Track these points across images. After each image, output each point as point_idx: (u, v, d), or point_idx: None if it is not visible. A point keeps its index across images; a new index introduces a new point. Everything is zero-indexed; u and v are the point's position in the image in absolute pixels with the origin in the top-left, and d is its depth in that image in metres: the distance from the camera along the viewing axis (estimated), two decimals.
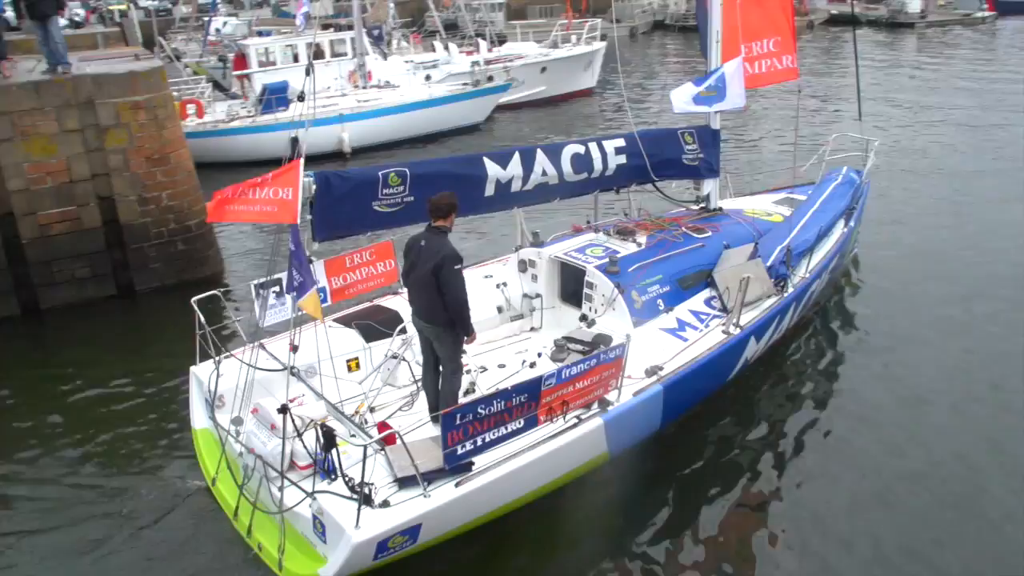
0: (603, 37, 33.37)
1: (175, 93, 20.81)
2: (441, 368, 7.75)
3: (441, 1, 51.27)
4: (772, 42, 11.91)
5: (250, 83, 25.09)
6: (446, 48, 29.28)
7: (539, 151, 9.73)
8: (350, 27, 26.77)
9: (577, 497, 7.85)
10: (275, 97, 22.52)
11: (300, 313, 6.84)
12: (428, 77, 26.75)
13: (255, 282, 8.60)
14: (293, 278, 6.73)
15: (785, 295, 9.81)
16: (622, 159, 10.41)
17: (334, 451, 6.51)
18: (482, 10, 39.44)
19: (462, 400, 7.61)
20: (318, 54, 26.48)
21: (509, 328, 9.90)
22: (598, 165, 10.21)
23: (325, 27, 29.38)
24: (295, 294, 6.72)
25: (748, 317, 9.20)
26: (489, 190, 9.34)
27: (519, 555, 7.51)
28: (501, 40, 35.95)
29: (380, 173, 8.43)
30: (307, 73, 7.19)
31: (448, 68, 27.57)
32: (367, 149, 22.74)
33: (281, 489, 6.59)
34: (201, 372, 8.23)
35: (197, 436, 8.21)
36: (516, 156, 9.51)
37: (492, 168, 9.29)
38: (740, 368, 9.46)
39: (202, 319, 7.88)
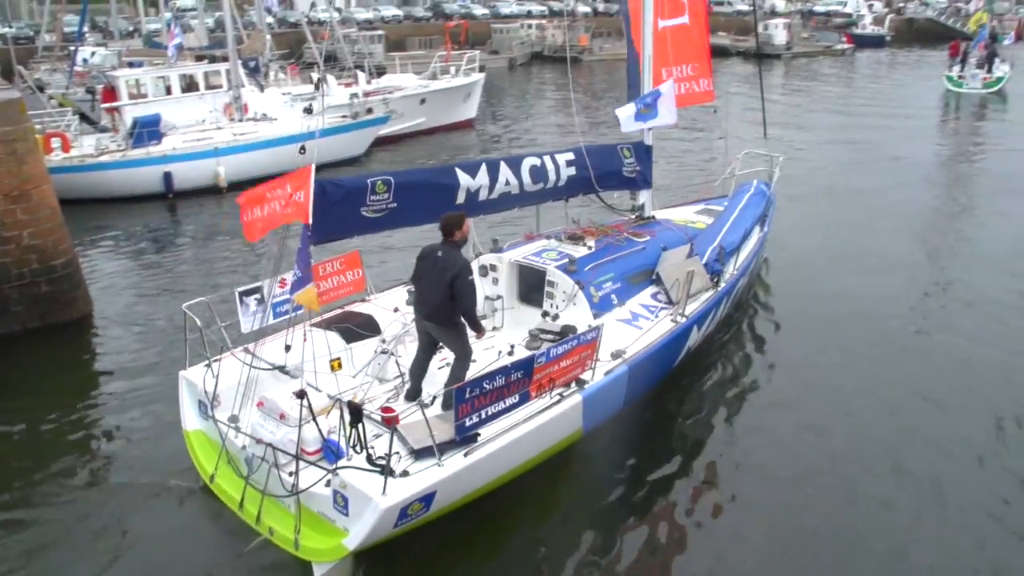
0: (482, 68, 33.90)
1: (38, 126, 20.09)
2: (453, 359, 8.59)
3: (319, 33, 51.17)
4: (691, 67, 13.53)
5: (120, 116, 24.28)
6: (324, 80, 29.13)
7: (502, 163, 10.67)
8: (225, 59, 26.34)
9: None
10: (147, 131, 21.88)
11: (298, 312, 8.02)
12: (306, 109, 26.50)
13: (239, 289, 9.26)
14: (295, 273, 7.64)
15: (720, 288, 11.15)
16: (572, 171, 11.48)
17: (360, 426, 7.04)
18: (361, 42, 39.31)
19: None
20: (191, 86, 26.02)
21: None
22: (552, 176, 11.22)
23: (199, 58, 28.81)
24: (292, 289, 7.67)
25: (690, 308, 10.40)
26: (460, 198, 10.16)
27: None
28: (380, 72, 36.00)
29: (369, 181, 9.18)
30: (317, 87, 8.04)
31: (326, 100, 27.41)
32: (244, 183, 22.28)
33: (296, 471, 7.16)
34: (192, 375, 8.75)
35: (190, 437, 8.73)
36: (483, 167, 10.41)
37: (463, 178, 10.16)
38: (684, 355, 10.66)
39: (199, 322, 8.54)
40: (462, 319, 8.43)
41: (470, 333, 8.61)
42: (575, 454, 9.14)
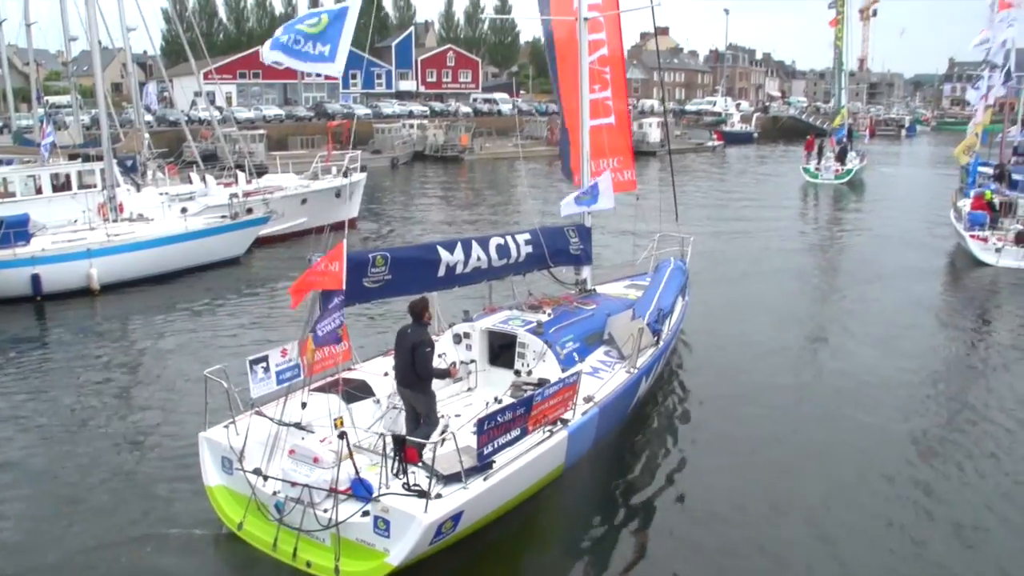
0: (364, 168, 34.36)
1: None
2: (422, 419, 10.05)
3: (200, 132, 50.95)
4: (616, 160, 15.85)
5: None
6: (203, 180, 29.00)
7: (473, 241, 12.22)
8: (100, 157, 25.88)
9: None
10: (13, 231, 21.17)
11: (296, 380, 10.21)
12: (184, 209, 26.26)
13: (249, 358, 10.27)
14: (319, 329, 9.26)
15: (660, 345, 13.08)
16: (530, 248, 13.20)
17: (402, 455, 8.76)
18: (242, 141, 39.40)
19: (434, 437, 9.19)
20: (64, 185, 25.50)
21: (450, 390, 11.97)
22: (514, 253, 12.87)
23: (73, 157, 28.26)
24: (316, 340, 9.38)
25: (639, 361, 12.24)
26: (441, 272, 11.69)
27: None
28: (261, 171, 36.05)
29: (370, 256, 10.55)
30: (345, 175, 8.98)
31: (205, 200, 27.24)
32: (118, 286, 21.78)
33: (336, 505, 8.40)
34: (213, 435, 9.75)
35: (213, 492, 9.67)
36: (459, 245, 11.94)
37: (444, 254, 11.68)
38: (636, 401, 12.49)
39: (226, 384, 9.54)
40: (428, 388, 10.07)
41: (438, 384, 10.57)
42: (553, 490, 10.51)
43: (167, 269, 23.02)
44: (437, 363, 10.64)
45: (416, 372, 9.94)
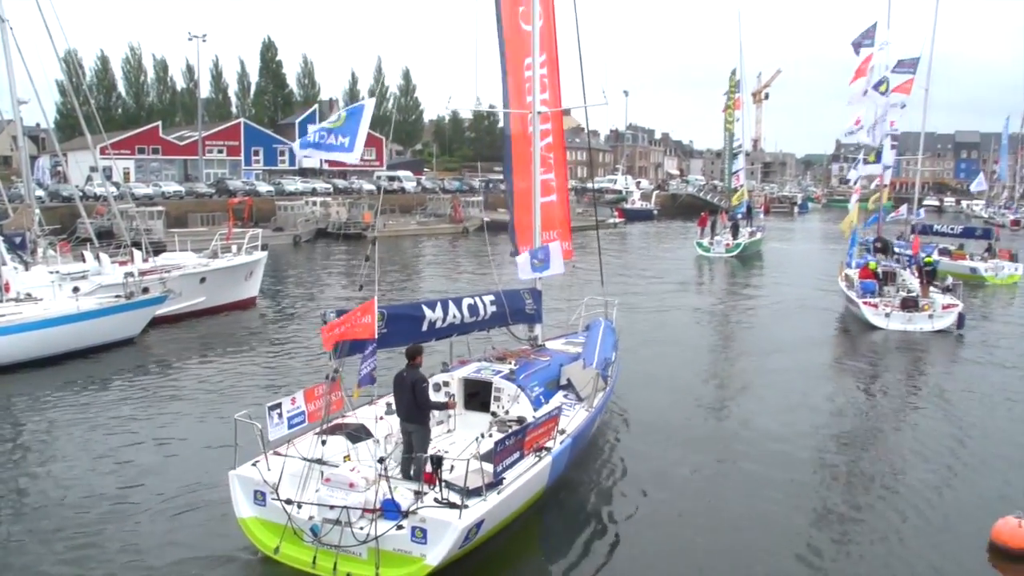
0: (265, 247, 34.05)
1: None
2: (415, 448, 11.62)
3: (95, 208, 49.62)
4: (556, 232, 18.13)
5: None
6: (97, 258, 28.18)
7: (450, 301, 14.51)
8: None
9: None
10: None
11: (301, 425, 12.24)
12: (76, 289, 25.44)
13: (268, 404, 12.01)
14: (361, 372, 11.32)
15: (607, 389, 15.52)
16: (494, 308, 15.38)
17: (439, 471, 10.69)
18: (139, 218, 38.59)
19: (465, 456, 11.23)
20: None
21: (434, 432, 12.93)
22: (481, 311, 15.03)
23: None
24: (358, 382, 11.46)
25: (594, 402, 14.54)
26: (424, 327, 13.76)
27: None
28: (159, 249, 35.33)
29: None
30: (372, 244, 11.54)
31: (99, 279, 26.46)
32: (5, 368, 20.85)
33: (375, 521, 10.08)
34: (244, 472, 11.24)
35: (247, 524, 11.06)
36: (438, 304, 14.21)
37: (427, 311, 13.85)
38: (590, 439, 14.77)
39: (258, 426, 11.18)
40: (426, 421, 11.94)
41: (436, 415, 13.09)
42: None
43: (56, 351, 22.07)
44: (435, 397, 12.88)
45: (418, 405, 11.70)
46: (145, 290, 25.57)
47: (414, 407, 11.77)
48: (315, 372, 20.82)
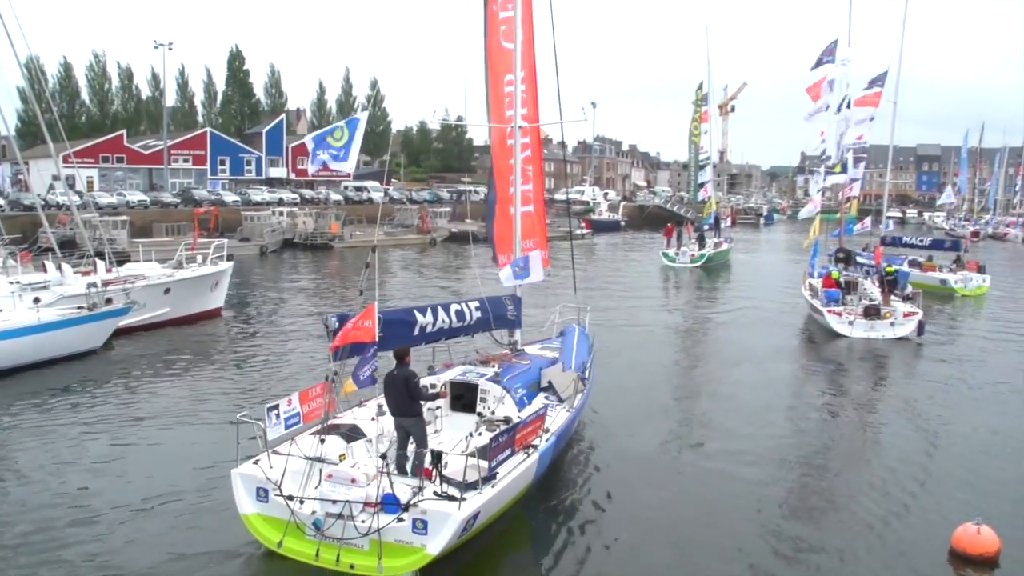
0: (230, 257, 33.78)
1: None
2: (416, 444, 12.40)
3: (57, 217, 49.01)
4: (533, 241, 18.91)
5: None
6: (59, 268, 27.76)
7: (439, 307, 15.07)
8: None
9: None
10: None
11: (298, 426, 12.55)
12: (37, 299, 25.03)
13: (267, 405, 12.26)
14: (360, 374, 12.22)
15: (585, 390, 16.14)
16: (479, 314, 15.97)
17: (439, 465, 11.27)
18: (103, 227, 38.13)
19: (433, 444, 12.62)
20: None
21: None
22: (468, 317, 15.63)
23: None
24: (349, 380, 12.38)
25: (574, 403, 15.22)
26: (415, 331, 14.36)
27: None
28: (123, 259, 34.92)
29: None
30: (372, 251, 14.89)
31: (61, 290, 26.07)
32: None
33: (377, 514, 10.60)
34: (246, 470, 11.65)
35: (250, 520, 11.49)
36: (428, 309, 14.79)
37: (419, 316, 14.46)
38: (569, 439, 15.54)
39: (261, 425, 11.80)
40: (421, 413, 12.58)
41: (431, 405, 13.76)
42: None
43: (16, 363, 21.72)
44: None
45: (411, 397, 12.30)
46: (108, 301, 25.31)
47: (408, 400, 12.34)
48: (281, 381, 20.86)
